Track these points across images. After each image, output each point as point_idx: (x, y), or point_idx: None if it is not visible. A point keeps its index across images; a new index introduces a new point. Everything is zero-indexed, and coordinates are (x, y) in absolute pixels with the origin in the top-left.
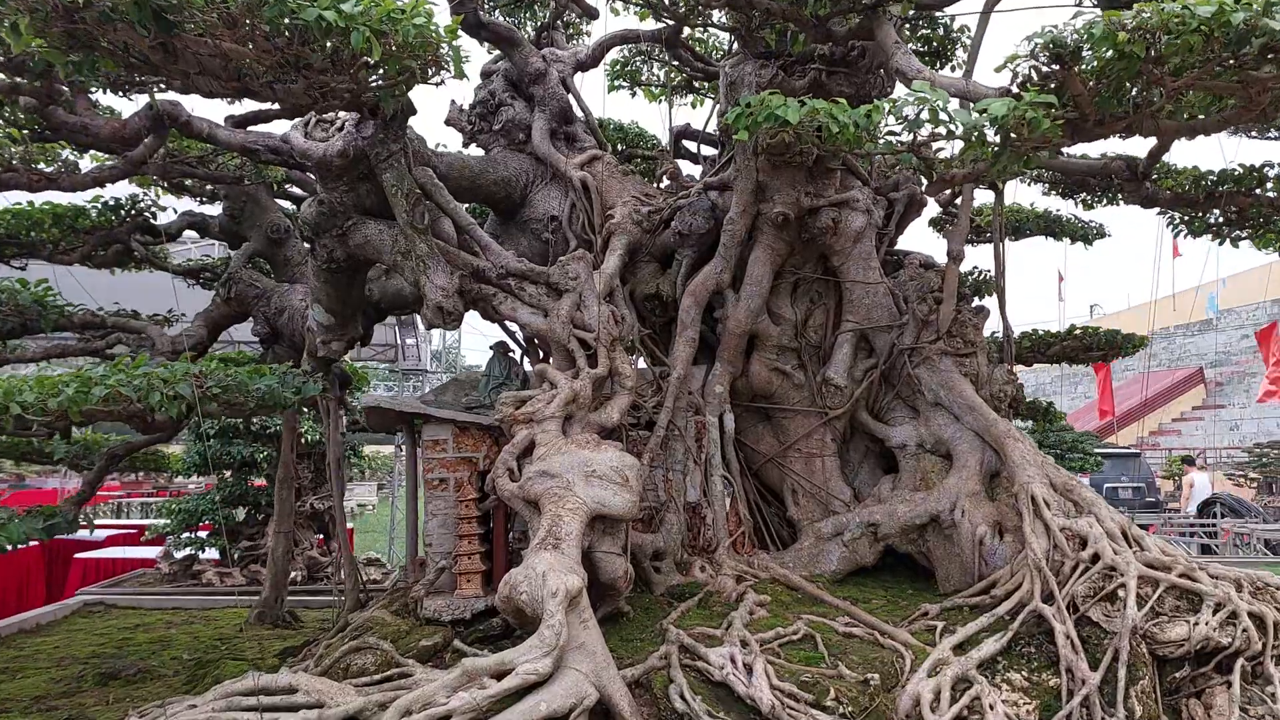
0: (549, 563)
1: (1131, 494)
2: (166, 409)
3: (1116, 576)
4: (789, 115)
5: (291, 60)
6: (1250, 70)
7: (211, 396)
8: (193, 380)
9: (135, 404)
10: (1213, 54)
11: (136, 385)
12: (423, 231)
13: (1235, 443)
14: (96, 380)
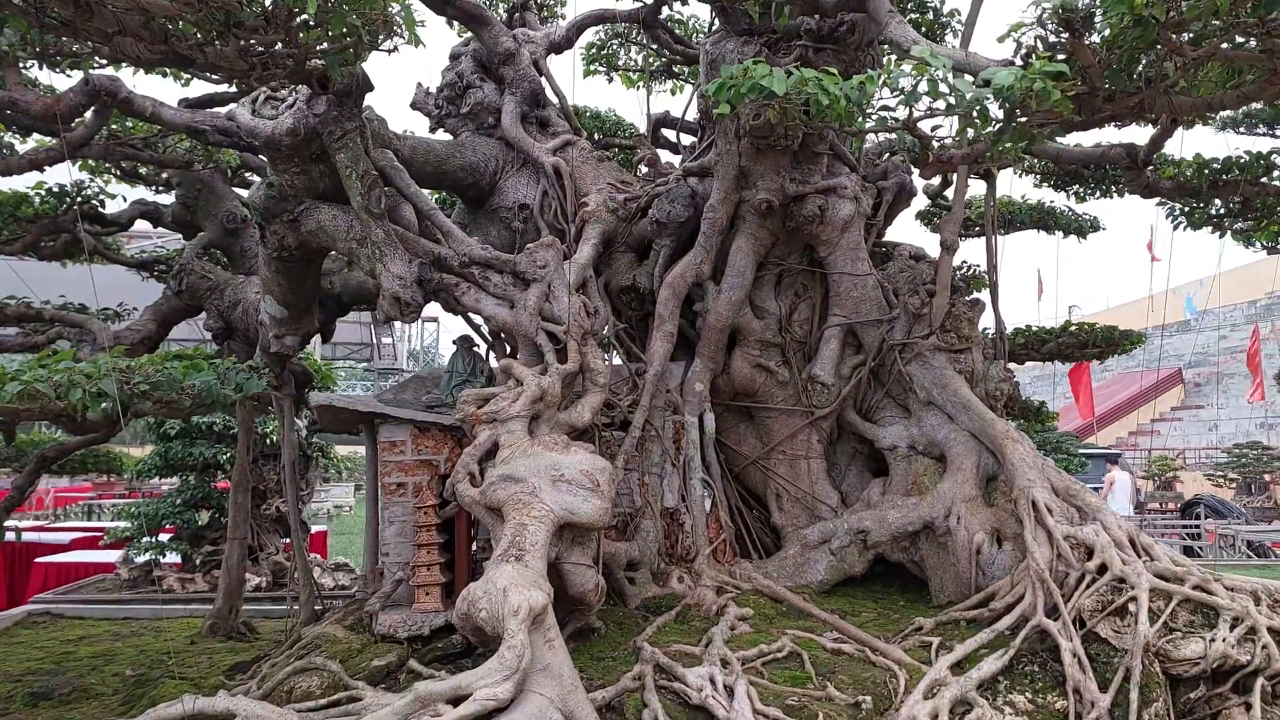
0: (511, 576)
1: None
2: (91, 408)
3: (1126, 589)
4: (775, 86)
5: (220, 18)
6: (1277, 38)
7: (141, 394)
8: (118, 376)
9: (54, 402)
10: (1238, 19)
11: (56, 382)
12: (379, 216)
13: (1214, 443)
14: (11, 375)
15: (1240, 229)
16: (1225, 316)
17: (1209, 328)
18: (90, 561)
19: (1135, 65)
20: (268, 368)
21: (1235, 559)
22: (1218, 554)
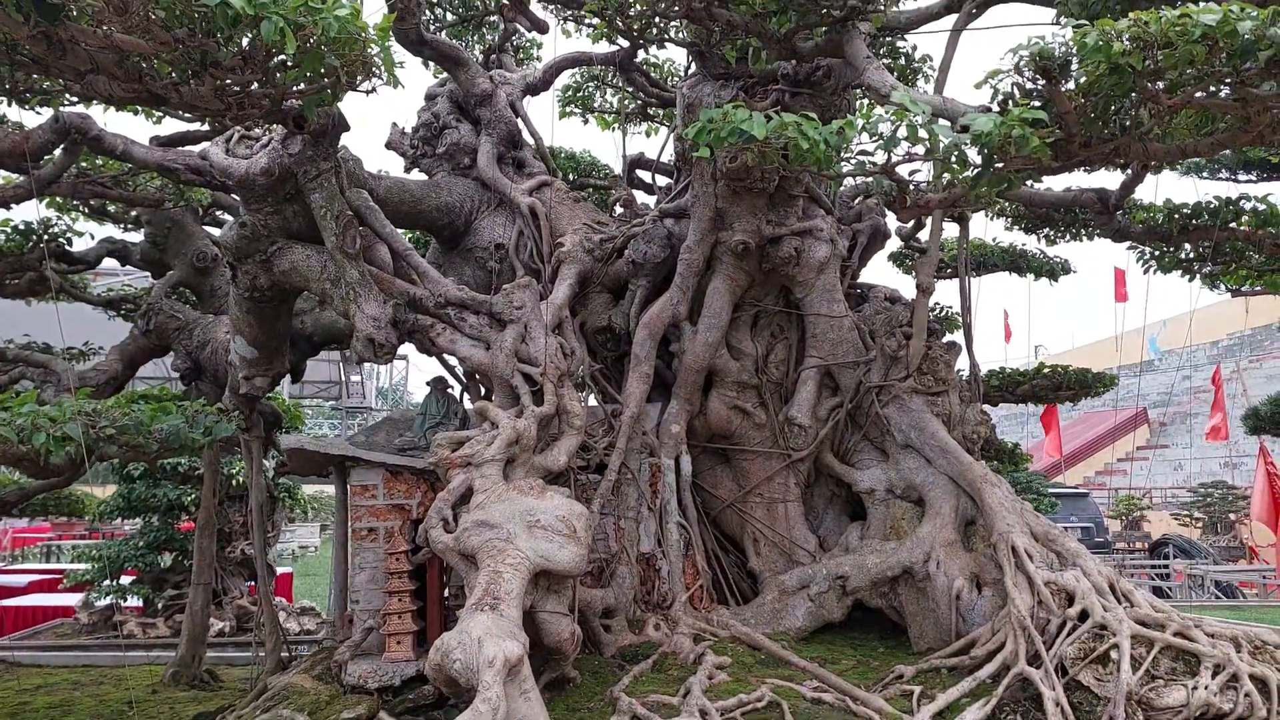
0: (485, 626)
1: (1081, 534)
2: (55, 452)
3: (1108, 636)
4: (755, 130)
5: (196, 57)
6: (1251, 87)
7: (107, 438)
8: (83, 420)
9: (17, 446)
10: (1213, 68)
11: (19, 426)
12: (354, 257)
13: (1179, 482)
14: None
15: (1209, 273)
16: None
17: (1173, 368)
18: (48, 605)
19: (1111, 112)
20: (237, 409)
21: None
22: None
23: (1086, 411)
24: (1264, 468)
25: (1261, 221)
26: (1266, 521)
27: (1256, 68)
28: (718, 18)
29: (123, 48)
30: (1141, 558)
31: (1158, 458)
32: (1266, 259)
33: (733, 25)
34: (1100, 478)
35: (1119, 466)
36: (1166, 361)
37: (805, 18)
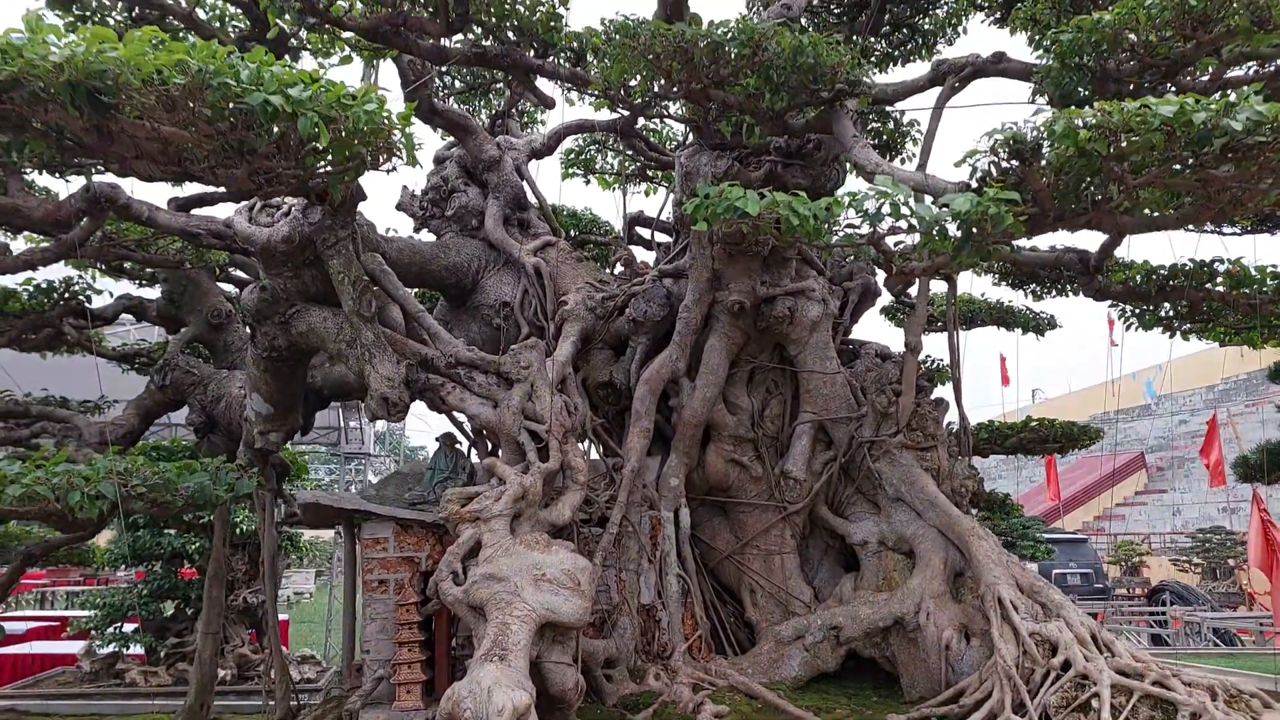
0: (495, 676)
1: (1080, 580)
2: (87, 509)
3: (1089, 685)
4: (749, 208)
5: (235, 145)
6: (1210, 169)
7: (137, 495)
8: (116, 479)
9: (54, 504)
10: (1173, 153)
11: (55, 484)
12: (369, 320)
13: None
14: (11, 478)
15: (1188, 329)
16: (1185, 401)
17: (1170, 412)
18: (50, 653)
19: (1082, 189)
20: (251, 463)
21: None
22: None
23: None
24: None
25: (1235, 283)
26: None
27: (1213, 153)
28: (714, 98)
29: (168, 139)
30: (1140, 604)
31: (1156, 503)
32: (1242, 317)
33: (728, 104)
34: (1099, 523)
35: (1117, 512)
36: (1163, 406)
37: (796, 98)
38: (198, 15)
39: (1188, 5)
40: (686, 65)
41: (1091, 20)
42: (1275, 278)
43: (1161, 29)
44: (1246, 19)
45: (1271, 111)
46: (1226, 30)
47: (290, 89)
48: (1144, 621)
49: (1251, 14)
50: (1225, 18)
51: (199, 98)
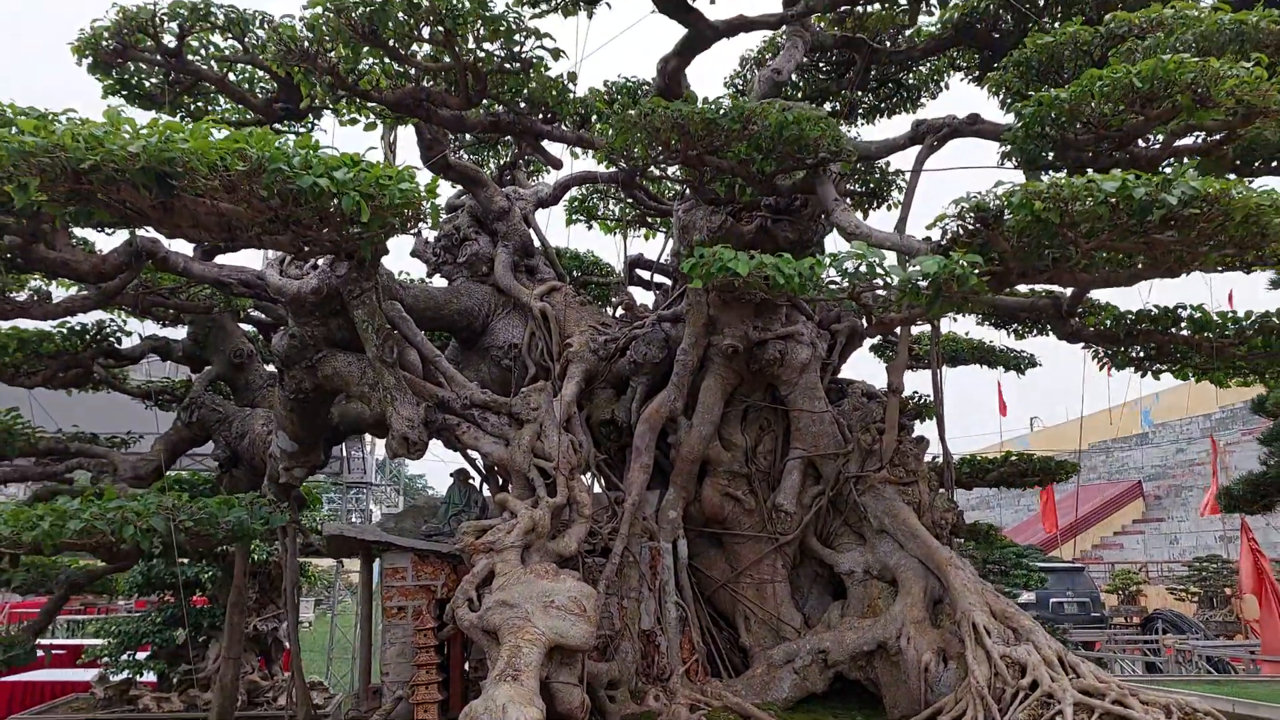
0: (509, 694)
1: (1077, 609)
2: (141, 542)
3: (1054, 704)
4: (739, 268)
5: (283, 218)
6: (1154, 235)
7: (183, 529)
8: (166, 514)
9: (108, 537)
10: (1119, 221)
11: (110, 519)
12: (391, 365)
13: (1175, 556)
14: (71, 514)
15: (1159, 369)
16: (1182, 430)
17: (1167, 441)
18: (61, 680)
19: (1041, 250)
20: (277, 497)
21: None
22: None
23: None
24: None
25: (1198, 327)
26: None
27: (1154, 222)
28: (708, 163)
29: (225, 214)
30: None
31: (1153, 531)
32: (1206, 359)
33: (721, 168)
34: (1097, 551)
35: (1115, 540)
36: (1160, 435)
37: (783, 164)
38: (229, 79)
39: (1134, 86)
40: (683, 137)
41: (1050, 96)
42: (1235, 322)
43: (1114, 104)
44: (1188, 98)
45: (1204, 186)
46: (1172, 106)
47: (335, 171)
48: (1137, 650)
49: (1193, 93)
50: (1169, 95)
51: (256, 180)
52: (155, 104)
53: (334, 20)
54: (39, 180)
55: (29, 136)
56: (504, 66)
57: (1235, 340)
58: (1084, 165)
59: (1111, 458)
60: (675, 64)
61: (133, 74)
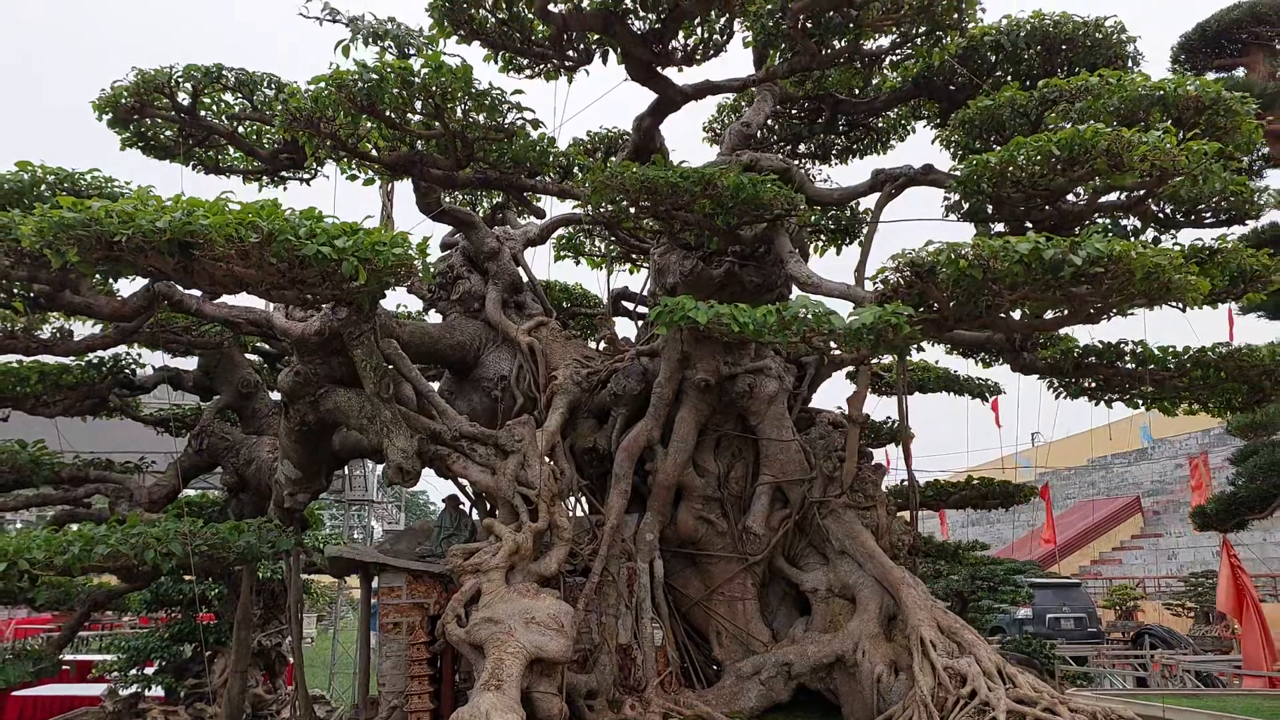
0: (492, 702)
1: (1073, 624)
2: (160, 564)
3: (989, 710)
4: (699, 317)
5: (290, 278)
6: (1070, 288)
7: (199, 552)
8: (183, 539)
9: (131, 560)
10: (1036, 277)
11: (134, 543)
12: (387, 400)
13: (1173, 571)
14: (99, 539)
15: (1110, 399)
16: (1181, 445)
17: (1166, 456)
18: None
19: (974, 299)
20: (283, 520)
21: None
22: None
23: (1081, 500)
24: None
25: (1140, 362)
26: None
27: (1066, 278)
28: (677, 217)
29: (239, 275)
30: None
31: (1151, 547)
32: (1150, 389)
33: (688, 221)
34: (1096, 567)
35: (1114, 556)
36: (1160, 450)
37: (742, 218)
38: (239, 133)
39: (1054, 153)
40: (652, 196)
41: (983, 160)
42: (1175, 356)
43: (1039, 167)
44: (1104, 163)
45: (1108, 247)
46: (1091, 169)
47: (336, 240)
48: (1128, 665)
49: (1108, 159)
50: (1088, 160)
51: (267, 248)
52: (169, 154)
53: (335, 94)
54: (76, 249)
55: (69, 212)
56: (489, 134)
57: (1176, 373)
58: (1019, 218)
59: (1111, 473)
60: (649, 122)
61: (149, 128)
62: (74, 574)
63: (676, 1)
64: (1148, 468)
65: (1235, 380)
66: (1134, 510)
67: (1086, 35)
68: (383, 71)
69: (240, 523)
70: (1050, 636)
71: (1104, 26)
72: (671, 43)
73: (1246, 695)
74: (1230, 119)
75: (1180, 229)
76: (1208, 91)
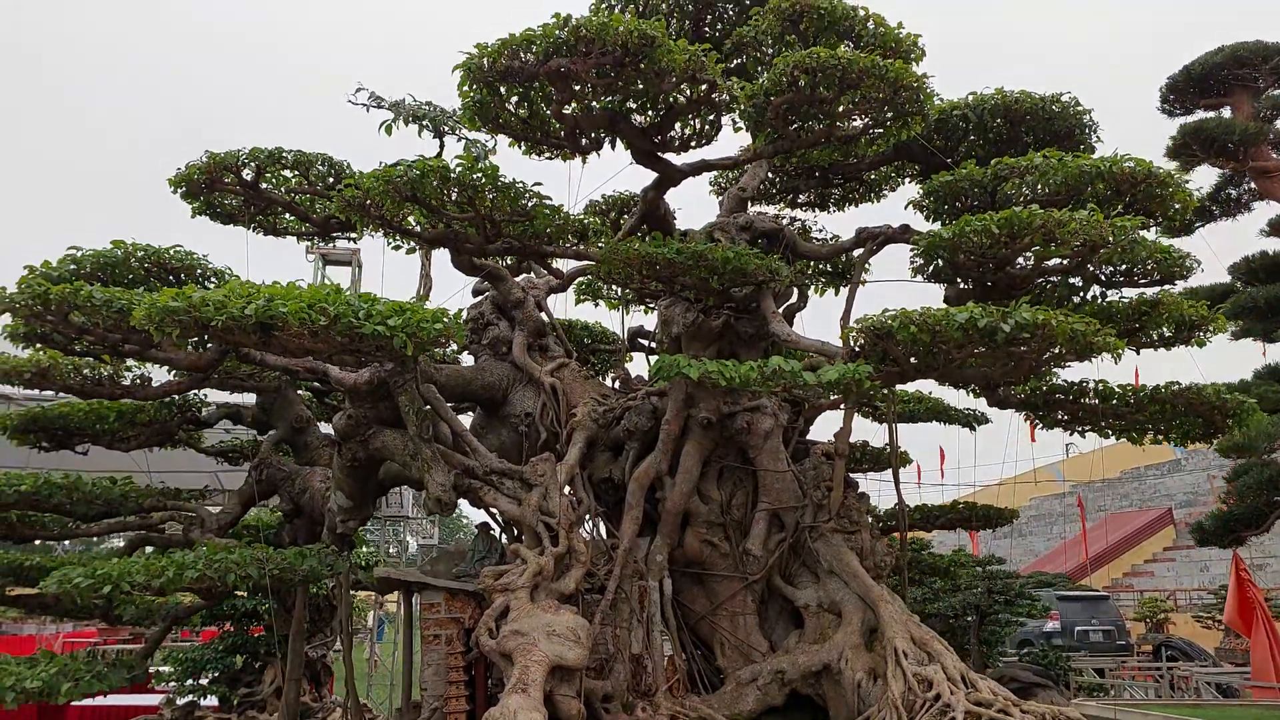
0: (519, 703)
1: (1102, 637)
2: (239, 587)
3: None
4: (691, 373)
5: (349, 348)
6: (1009, 348)
7: (271, 575)
8: (258, 564)
9: (214, 582)
10: (974, 340)
11: (217, 567)
12: (427, 440)
13: (1205, 584)
14: (189, 564)
15: (1083, 430)
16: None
17: (1199, 468)
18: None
19: (929, 356)
20: (336, 545)
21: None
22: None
23: (1113, 513)
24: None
25: (1103, 398)
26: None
27: (999, 342)
28: (676, 281)
29: (308, 348)
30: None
31: (1184, 559)
32: (1113, 422)
33: (685, 285)
34: (1128, 579)
35: (1146, 568)
36: (1192, 461)
37: (731, 285)
38: (295, 202)
39: (994, 231)
40: (653, 268)
41: (938, 234)
42: (1133, 393)
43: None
44: (1040, 238)
45: (1032, 317)
46: (1029, 243)
47: (388, 320)
48: (1150, 676)
49: (1043, 235)
50: (1026, 236)
51: (333, 327)
52: (234, 220)
53: (384, 185)
54: (179, 331)
55: (173, 302)
56: (514, 216)
57: (1134, 409)
58: (978, 279)
59: (1144, 484)
60: (654, 194)
61: (217, 199)
62: (166, 594)
63: (670, 104)
64: (1180, 479)
65: (1188, 415)
66: (1166, 522)
67: (1045, 109)
68: (424, 169)
69: (304, 548)
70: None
71: (1060, 101)
72: (669, 133)
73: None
74: (1164, 189)
75: (1120, 288)
76: (1141, 167)
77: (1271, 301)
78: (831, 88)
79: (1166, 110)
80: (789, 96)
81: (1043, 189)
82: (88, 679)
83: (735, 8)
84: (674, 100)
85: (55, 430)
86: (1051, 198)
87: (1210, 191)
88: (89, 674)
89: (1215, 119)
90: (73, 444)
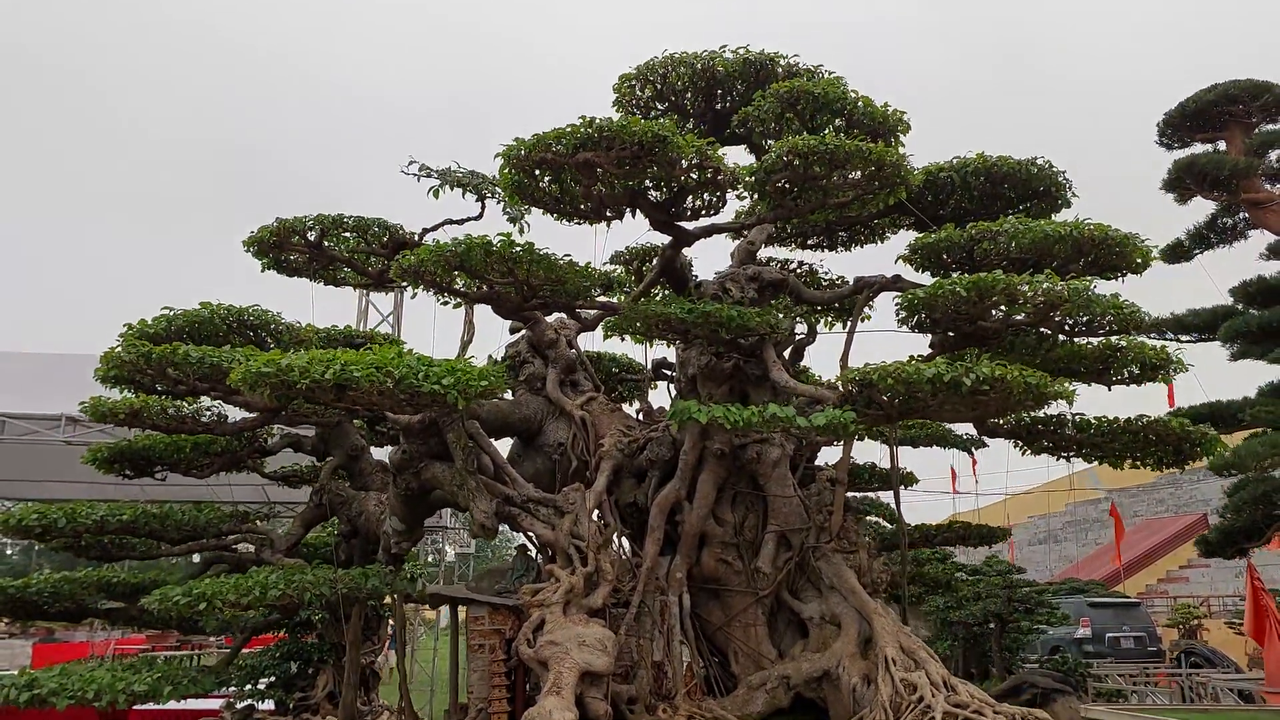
0: (553, 704)
1: (1133, 643)
2: (314, 603)
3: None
4: (699, 417)
5: (410, 402)
6: (976, 396)
7: (340, 593)
8: (331, 583)
9: (292, 599)
10: (942, 390)
11: (296, 587)
12: (472, 472)
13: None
14: (271, 585)
15: (1069, 455)
16: None
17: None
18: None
19: (909, 401)
20: (391, 564)
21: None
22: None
23: (1147, 519)
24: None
25: (1080, 429)
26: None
27: (964, 393)
28: (690, 333)
29: (375, 404)
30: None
31: (1219, 565)
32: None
33: (698, 336)
34: (1162, 585)
35: (1180, 574)
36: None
37: (738, 336)
38: (354, 258)
39: (960, 293)
40: (666, 324)
41: (915, 293)
42: (1106, 425)
43: (957, 299)
44: (1003, 298)
45: (990, 371)
46: (995, 302)
47: (443, 379)
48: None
49: (1006, 296)
50: (991, 296)
51: (397, 387)
52: (298, 274)
53: (435, 257)
54: (269, 391)
55: (265, 367)
56: (547, 280)
57: (1109, 438)
58: (957, 329)
59: (1180, 490)
60: (670, 253)
61: (284, 255)
62: (254, 609)
63: (681, 185)
64: (1215, 485)
65: (1159, 444)
66: (1200, 528)
67: (1023, 170)
68: (470, 244)
69: (366, 569)
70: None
71: (1037, 164)
72: (682, 206)
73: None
74: (1122, 247)
75: (1084, 336)
76: (1099, 231)
77: (1264, 325)
78: (823, 167)
79: (1164, 144)
80: (786, 175)
81: (1015, 248)
82: (185, 683)
83: (743, 84)
84: (685, 181)
85: (139, 460)
86: (1023, 256)
87: (1207, 220)
88: (186, 679)
89: (1206, 154)
90: (152, 472)
